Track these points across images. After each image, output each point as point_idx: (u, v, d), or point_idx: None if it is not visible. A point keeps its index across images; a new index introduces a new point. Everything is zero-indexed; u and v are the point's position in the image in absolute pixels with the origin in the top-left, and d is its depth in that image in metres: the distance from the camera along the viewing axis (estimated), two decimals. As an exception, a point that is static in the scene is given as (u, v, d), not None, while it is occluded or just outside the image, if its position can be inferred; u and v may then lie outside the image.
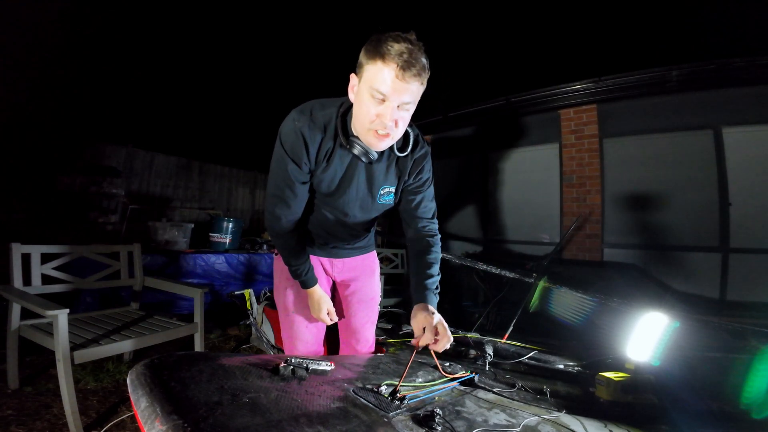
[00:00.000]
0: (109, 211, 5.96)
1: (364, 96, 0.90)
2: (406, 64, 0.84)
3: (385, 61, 0.85)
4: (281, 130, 1.00)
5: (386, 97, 0.88)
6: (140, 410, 0.59)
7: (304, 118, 0.98)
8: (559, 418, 1.03)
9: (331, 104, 1.02)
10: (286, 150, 0.99)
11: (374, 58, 0.86)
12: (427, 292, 1.06)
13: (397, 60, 0.84)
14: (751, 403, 1.44)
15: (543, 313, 2.78)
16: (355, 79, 0.94)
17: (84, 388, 1.88)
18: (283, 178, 1.03)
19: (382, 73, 0.86)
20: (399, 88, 0.86)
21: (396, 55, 0.83)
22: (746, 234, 3.21)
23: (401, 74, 0.85)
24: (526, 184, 4.49)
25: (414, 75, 0.85)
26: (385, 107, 0.89)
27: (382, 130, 0.92)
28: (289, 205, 1.07)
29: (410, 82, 0.86)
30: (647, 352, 1.66)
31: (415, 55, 0.85)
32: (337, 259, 1.32)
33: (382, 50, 0.84)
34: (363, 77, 0.90)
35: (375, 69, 0.86)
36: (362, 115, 0.92)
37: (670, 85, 3.56)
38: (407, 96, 0.89)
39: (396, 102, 0.89)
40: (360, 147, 0.99)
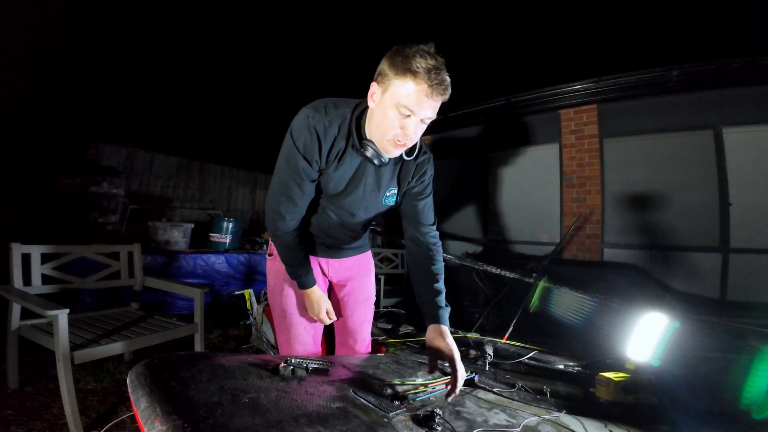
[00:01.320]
0: (109, 211, 5.96)
1: (389, 108, 0.92)
2: (437, 84, 0.88)
3: (416, 80, 0.87)
4: (293, 126, 1.00)
5: (413, 113, 0.91)
6: (140, 410, 0.59)
7: (319, 115, 0.98)
8: (559, 419, 1.03)
9: (345, 104, 1.02)
10: (298, 146, 0.98)
11: (404, 74, 0.88)
12: (441, 311, 1.09)
13: (428, 79, 0.87)
14: (751, 403, 1.43)
15: (543, 313, 2.78)
16: (376, 88, 0.95)
17: (84, 388, 1.88)
18: (293, 175, 1.02)
19: (411, 90, 0.89)
20: (426, 105, 0.90)
21: (426, 73, 0.86)
22: (746, 234, 3.21)
23: (431, 93, 0.88)
24: (526, 185, 4.49)
25: (441, 93, 0.90)
26: (410, 121, 0.93)
27: (402, 139, 0.96)
28: (296, 204, 1.06)
29: (437, 100, 0.90)
30: (647, 353, 1.66)
31: (443, 74, 0.88)
32: (334, 260, 1.31)
33: (412, 67, 0.87)
34: (390, 90, 0.91)
35: (405, 86, 0.89)
36: (386, 126, 0.95)
37: (670, 85, 3.56)
38: (431, 112, 0.93)
39: (421, 117, 0.93)
40: (373, 150, 1.00)
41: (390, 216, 1.27)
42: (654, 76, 3.62)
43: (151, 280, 2.33)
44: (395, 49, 0.91)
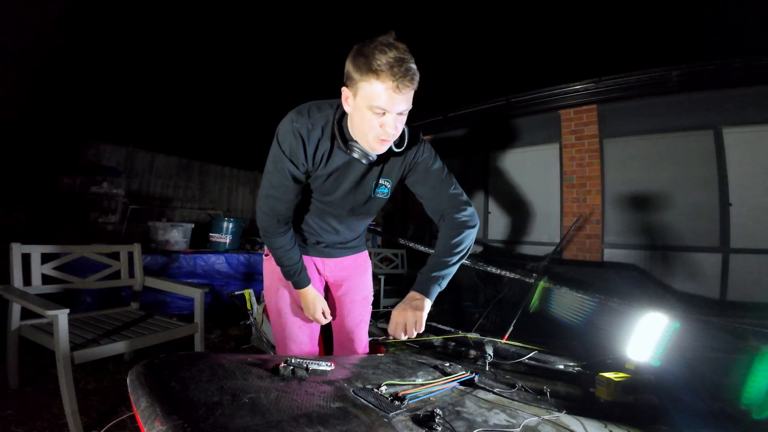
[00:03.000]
0: (110, 211, 5.96)
1: (363, 111, 0.93)
2: (401, 78, 0.86)
3: (380, 78, 0.86)
4: (279, 130, 1.02)
5: (386, 111, 0.91)
6: (140, 410, 0.59)
7: (302, 119, 1.00)
8: (559, 419, 1.03)
9: (327, 106, 1.04)
10: (284, 150, 1.00)
11: (367, 75, 0.87)
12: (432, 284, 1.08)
13: (391, 75, 0.86)
14: (751, 403, 1.44)
15: (543, 313, 2.78)
16: (347, 92, 0.95)
17: (84, 388, 1.87)
18: (280, 178, 1.04)
19: (379, 90, 0.88)
20: (396, 100, 0.90)
21: (388, 70, 0.85)
22: (746, 234, 3.21)
23: (396, 88, 0.87)
24: (527, 185, 4.49)
25: (407, 85, 0.88)
26: (386, 118, 0.93)
27: (386, 136, 0.96)
28: (285, 205, 1.09)
29: (406, 92, 0.90)
30: (647, 353, 1.66)
31: (405, 64, 0.86)
32: (330, 259, 1.31)
33: (373, 66, 0.86)
34: (359, 94, 0.91)
35: (370, 87, 0.88)
36: (365, 127, 0.95)
37: (670, 85, 3.55)
38: (405, 104, 0.92)
39: (396, 112, 0.92)
40: (359, 151, 1.01)
41: (390, 216, 1.27)
42: (654, 76, 3.62)
43: (151, 280, 2.33)
44: (356, 49, 0.90)
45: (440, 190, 1.16)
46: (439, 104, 5.26)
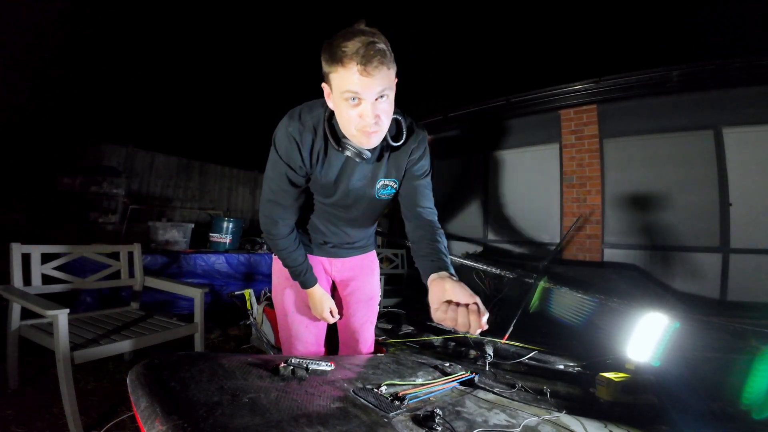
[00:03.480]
0: (110, 211, 5.96)
1: (339, 103, 0.90)
2: (365, 59, 0.82)
3: (345, 65, 0.84)
4: (275, 135, 1.03)
5: (359, 97, 0.87)
6: (140, 410, 0.59)
7: (294, 122, 1.00)
8: (559, 419, 1.03)
9: (318, 106, 1.03)
10: (281, 155, 1.01)
11: (334, 65, 0.85)
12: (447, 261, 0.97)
13: (355, 58, 0.82)
14: (751, 403, 1.44)
15: (543, 313, 2.78)
16: (327, 89, 0.94)
17: (84, 388, 1.87)
18: (279, 183, 1.05)
19: (345, 78, 0.85)
20: (367, 84, 0.85)
21: (353, 54, 0.82)
22: (746, 234, 3.21)
23: (364, 70, 0.83)
24: (527, 185, 4.49)
25: (376, 66, 0.83)
26: (363, 107, 0.88)
27: (368, 128, 0.92)
28: (286, 209, 1.09)
29: (375, 74, 0.84)
30: (647, 353, 1.66)
31: (370, 45, 0.82)
32: (337, 259, 1.31)
33: (337, 55, 0.84)
34: (332, 86, 0.90)
35: (339, 76, 0.86)
36: (345, 120, 0.93)
37: (671, 85, 3.56)
38: (378, 87, 0.86)
39: (371, 98, 0.87)
40: (352, 148, 0.98)
41: (391, 216, 1.27)
42: (654, 76, 3.62)
43: (152, 280, 2.33)
44: (325, 44, 0.88)
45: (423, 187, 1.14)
46: (439, 104, 5.26)
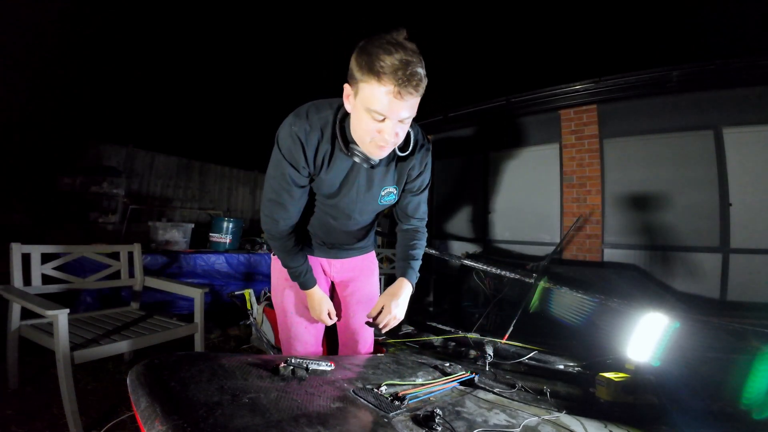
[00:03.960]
0: (110, 211, 5.96)
1: (362, 113, 0.88)
2: (403, 83, 0.79)
3: (381, 81, 0.80)
4: (278, 134, 1.00)
5: (385, 116, 0.85)
6: (140, 410, 0.59)
7: (300, 122, 0.97)
8: (559, 419, 1.03)
9: (326, 107, 1.00)
10: (284, 154, 0.99)
11: (369, 76, 0.81)
12: (409, 269, 1.19)
13: (394, 79, 0.79)
14: (751, 403, 1.44)
15: (543, 313, 2.78)
16: (349, 90, 0.90)
17: (84, 388, 1.87)
18: (281, 182, 1.03)
19: (378, 94, 0.82)
20: (397, 107, 0.83)
21: (391, 73, 0.79)
22: (746, 234, 3.21)
23: (398, 93, 0.81)
24: (527, 185, 4.49)
25: (411, 92, 0.82)
26: (385, 124, 0.87)
27: (383, 143, 0.91)
28: (287, 209, 1.07)
29: (408, 99, 0.83)
30: (647, 353, 1.66)
31: (411, 68, 0.79)
32: (336, 260, 1.31)
33: (375, 67, 0.79)
34: (358, 95, 0.86)
35: (370, 89, 0.82)
36: (361, 130, 0.91)
37: (670, 85, 3.55)
38: (406, 112, 0.86)
39: (396, 119, 0.86)
40: (360, 155, 0.97)
41: (392, 217, 1.27)
42: (654, 76, 3.62)
43: (152, 280, 2.33)
44: (361, 46, 0.84)
45: (420, 201, 1.22)
46: (439, 104, 5.26)
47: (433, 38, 8.49)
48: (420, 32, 0.90)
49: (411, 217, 1.23)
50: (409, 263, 1.19)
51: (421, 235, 1.25)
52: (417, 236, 1.24)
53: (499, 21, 9.05)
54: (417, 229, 1.25)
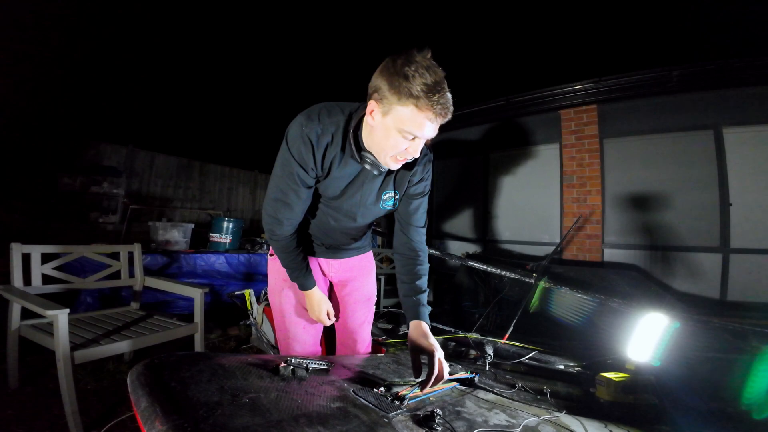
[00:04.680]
0: (110, 211, 5.96)
1: (392, 131, 0.90)
2: (441, 112, 0.86)
3: (420, 108, 0.85)
4: (288, 133, 1.00)
5: (417, 137, 0.91)
6: (140, 410, 0.59)
7: (312, 123, 0.97)
8: (559, 419, 1.03)
9: (337, 111, 1.01)
10: (293, 154, 0.98)
11: (406, 100, 0.85)
12: (422, 308, 1.13)
13: (431, 106, 0.84)
14: (751, 403, 1.44)
15: (543, 313, 2.78)
16: (376, 107, 0.91)
17: (84, 388, 1.87)
18: (289, 182, 1.02)
19: (416, 119, 0.87)
20: (431, 130, 0.90)
21: (428, 98, 0.84)
22: (746, 234, 3.21)
23: (434, 120, 0.87)
24: (527, 185, 4.49)
25: (444, 116, 0.88)
26: (414, 143, 0.92)
27: (405, 157, 0.96)
28: (293, 209, 1.07)
29: (441, 123, 0.90)
30: (648, 353, 1.66)
31: (445, 94, 0.85)
32: (334, 260, 1.32)
33: (414, 92, 0.83)
34: (391, 114, 0.89)
35: (408, 112, 0.86)
36: (389, 147, 0.93)
37: (671, 85, 3.56)
38: (435, 132, 0.92)
39: (426, 139, 0.93)
40: (372, 162, 1.00)
41: (391, 217, 1.27)
42: (654, 76, 3.62)
43: (152, 280, 2.33)
44: (392, 67, 0.86)
45: (421, 207, 1.21)
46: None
47: (433, 38, 8.49)
48: (420, 32, 0.90)
49: (412, 225, 1.20)
50: (419, 299, 1.14)
51: (422, 259, 1.20)
52: (418, 261, 1.19)
53: (500, 21, 9.05)
54: (417, 252, 1.20)
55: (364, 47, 1.82)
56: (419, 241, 1.21)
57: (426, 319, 1.12)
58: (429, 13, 9.53)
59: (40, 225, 4.93)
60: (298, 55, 11.75)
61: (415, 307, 1.13)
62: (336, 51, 10.24)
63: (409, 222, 1.20)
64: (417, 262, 1.19)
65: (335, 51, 10.25)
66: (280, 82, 11.71)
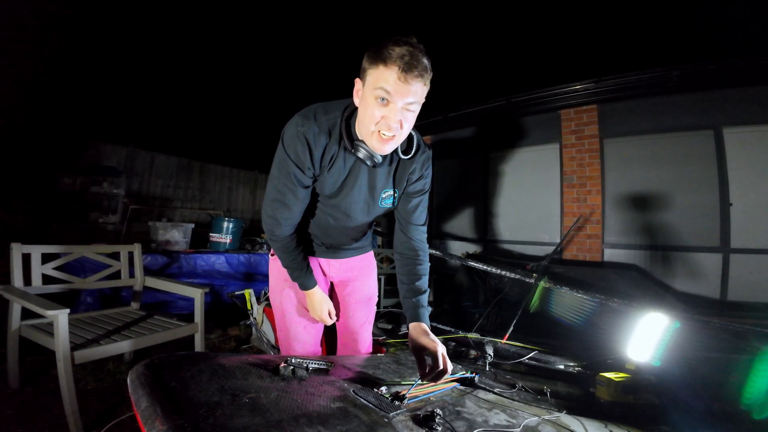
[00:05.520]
0: (110, 211, 5.97)
1: (369, 99, 0.92)
2: (408, 66, 0.86)
3: (387, 65, 0.87)
4: (284, 134, 1.00)
5: (390, 99, 0.89)
6: (141, 410, 0.59)
7: (309, 122, 0.98)
8: (559, 419, 1.03)
9: (335, 108, 1.02)
10: (289, 154, 0.99)
11: (376, 62, 0.88)
12: (422, 309, 1.12)
13: (399, 62, 0.86)
14: (751, 403, 1.43)
15: (543, 313, 2.78)
16: (359, 84, 0.95)
17: (84, 388, 1.87)
18: (286, 182, 1.02)
19: (384, 76, 0.88)
20: (402, 89, 0.88)
21: (398, 57, 0.86)
22: (747, 234, 3.21)
23: (403, 76, 0.86)
24: (527, 185, 4.49)
25: (416, 76, 0.87)
26: (389, 109, 0.91)
27: (387, 132, 0.93)
28: (291, 209, 1.06)
29: (412, 83, 0.88)
30: (648, 353, 1.66)
31: (416, 56, 0.87)
32: (335, 260, 1.31)
33: (383, 54, 0.87)
34: (366, 81, 0.91)
35: (377, 72, 0.88)
36: (367, 117, 0.93)
37: (671, 85, 3.55)
38: (410, 97, 0.90)
39: (400, 103, 0.90)
40: (365, 151, 0.99)
41: (391, 217, 1.27)
42: (654, 76, 3.62)
43: (152, 280, 2.33)
44: (372, 46, 0.91)
45: (420, 205, 1.19)
46: (439, 104, 5.25)
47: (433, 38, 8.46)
48: (420, 32, 0.91)
49: (412, 224, 1.19)
50: (418, 300, 1.13)
51: (422, 258, 1.19)
52: (418, 260, 1.18)
53: (500, 21, 9.05)
54: (419, 246, 1.19)
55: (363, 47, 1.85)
56: (419, 240, 1.20)
57: (426, 320, 1.10)
58: (429, 13, 9.54)
59: (40, 225, 4.93)
60: (298, 56, 11.75)
61: (414, 308, 1.12)
62: (336, 51, 10.24)
63: (409, 220, 1.19)
64: (417, 262, 1.18)
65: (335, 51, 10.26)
66: (279, 82, 11.71)
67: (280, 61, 11.71)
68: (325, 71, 11.01)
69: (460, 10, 9.43)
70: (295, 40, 12.03)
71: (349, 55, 0.93)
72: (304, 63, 11.88)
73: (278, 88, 11.66)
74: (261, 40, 11.26)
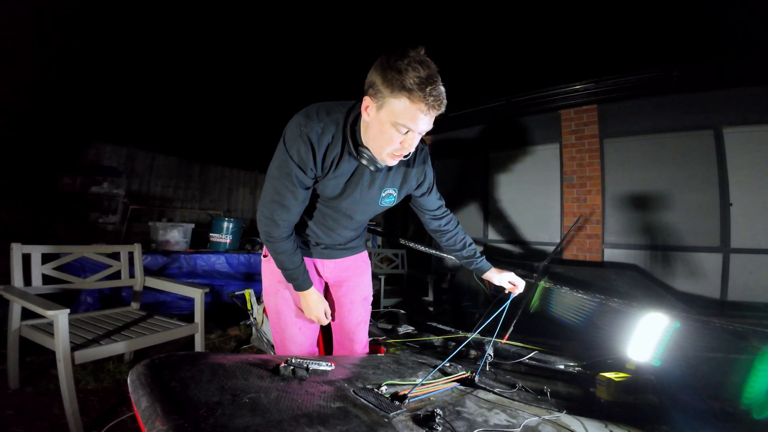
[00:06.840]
0: (110, 212, 5.97)
1: (386, 125, 0.91)
2: (434, 104, 0.87)
3: (412, 97, 0.85)
4: (286, 134, 0.98)
5: (411, 129, 0.91)
6: (141, 410, 0.59)
7: (312, 123, 0.96)
8: (559, 419, 1.03)
9: (337, 109, 1.00)
10: (291, 155, 0.97)
11: (399, 92, 0.86)
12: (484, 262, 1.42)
13: (423, 97, 0.85)
14: (751, 403, 1.44)
15: (543, 313, 2.78)
16: (370, 102, 0.92)
17: (84, 388, 1.87)
18: (286, 183, 1.00)
19: (409, 113, 0.87)
20: (425, 123, 0.90)
21: (420, 90, 0.84)
22: (747, 234, 3.21)
23: (428, 112, 0.88)
24: (527, 185, 4.49)
25: (437, 108, 0.88)
26: (408, 136, 0.93)
27: (401, 152, 0.96)
28: (290, 210, 1.05)
29: (434, 116, 0.90)
30: (648, 353, 1.66)
31: (437, 87, 0.86)
32: (330, 260, 1.31)
33: (406, 84, 0.84)
34: (385, 108, 0.89)
35: (401, 105, 0.87)
36: (384, 141, 0.94)
37: (671, 85, 3.55)
38: (429, 126, 0.93)
39: (420, 132, 0.93)
40: (369, 157, 1.00)
41: (391, 217, 1.29)
42: (654, 76, 3.62)
43: (152, 280, 2.33)
44: (386, 62, 0.87)
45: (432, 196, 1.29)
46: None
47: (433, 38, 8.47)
48: (420, 32, 0.91)
49: (433, 211, 1.31)
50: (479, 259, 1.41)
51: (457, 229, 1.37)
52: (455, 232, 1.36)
53: (499, 21, 9.05)
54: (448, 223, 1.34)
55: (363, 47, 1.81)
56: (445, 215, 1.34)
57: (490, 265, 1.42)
58: (429, 13, 9.53)
59: (40, 225, 4.93)
60: (298, 56, 11.75)
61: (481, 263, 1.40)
62: (336, 51, 10.25)
63: (434, 214, 1.32)
64: (454, 234, 1.36)
65: (335, 51, 10.26)
66: (279, 82, 11.72)
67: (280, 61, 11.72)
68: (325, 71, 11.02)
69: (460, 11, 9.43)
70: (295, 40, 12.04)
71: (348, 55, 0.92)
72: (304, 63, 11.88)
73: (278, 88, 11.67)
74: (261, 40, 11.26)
